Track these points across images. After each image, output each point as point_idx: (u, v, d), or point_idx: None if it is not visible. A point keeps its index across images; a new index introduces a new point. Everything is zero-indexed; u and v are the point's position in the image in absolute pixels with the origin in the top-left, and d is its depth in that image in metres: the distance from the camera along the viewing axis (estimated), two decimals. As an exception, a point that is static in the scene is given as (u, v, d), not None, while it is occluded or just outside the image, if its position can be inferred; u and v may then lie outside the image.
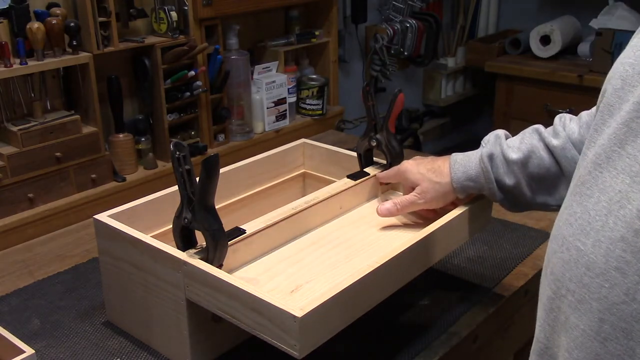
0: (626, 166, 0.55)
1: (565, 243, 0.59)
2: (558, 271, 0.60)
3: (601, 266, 0.55)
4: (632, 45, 0.60)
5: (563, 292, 0.59)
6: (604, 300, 0.54)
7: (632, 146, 0.55)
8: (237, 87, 1.77)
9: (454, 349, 1.01)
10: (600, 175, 0.57)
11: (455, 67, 2.85)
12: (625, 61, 0.59)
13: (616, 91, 0.59)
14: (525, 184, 0.96)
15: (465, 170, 0.98)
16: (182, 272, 0.88)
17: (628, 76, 0.58)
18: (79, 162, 1.43)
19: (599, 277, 0.55)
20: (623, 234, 0.53)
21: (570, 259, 0.58)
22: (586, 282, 0.56)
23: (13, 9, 1.33)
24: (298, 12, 1.99)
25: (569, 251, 0.58)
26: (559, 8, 2.79)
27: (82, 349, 1.01)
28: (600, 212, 0.56)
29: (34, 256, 1.30)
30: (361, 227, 1.10)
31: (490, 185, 0.97)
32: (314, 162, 1.31)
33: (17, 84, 1.36)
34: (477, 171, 0.98)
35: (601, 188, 0.57)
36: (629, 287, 0.53)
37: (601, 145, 0.58)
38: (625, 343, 0.53)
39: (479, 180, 0.98)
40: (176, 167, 0.87)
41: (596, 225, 0.56)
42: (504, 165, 0.96)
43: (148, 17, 1.56)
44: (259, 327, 0.81)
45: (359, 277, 0.84)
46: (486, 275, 1.18)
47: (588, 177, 0.59)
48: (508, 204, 1.00)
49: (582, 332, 0.56)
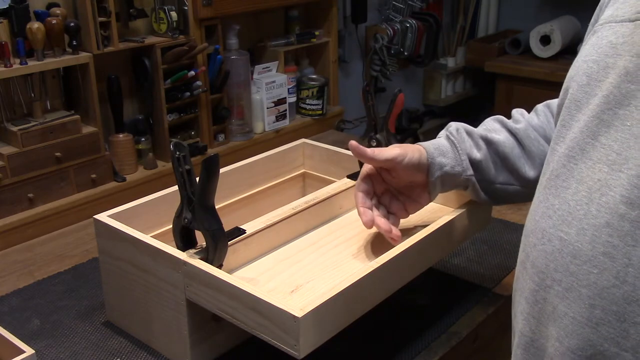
0: (602, 156, 0.56)
1: (546, 235, 0.60)
2: (541, 263, 0.60)
3: (588, 253, 0.56)
4: (592, 44, 0.62)
5: (548, 283, 0.59)
6: (593, 286, 0.55)
7: (605, 137, 0.57)
8: (237, 87, 1.77)
9: (454, 349, 1.01)
10: (576, 167, 0.59)
11: (455, 67, 2.85)
12: (588, 59, 0.61)
13: (582, 87, 0.61)
14: (491, 159, 0.97)
15: (437, 147, 0.97)
16: (182, 272, 0.88)
17: (593, 72, 0.60)
18: (79, 162, 1.43)
19: (586, 263, 0.56)
20: (608, 219, 0.54)
21: (554, 250, 0.59)
22: (573, 270, 0.57)
23: (13, 9, 1.33)
24: (298, 12, 1.99)
25: (551, 242, 0.59)
26: (559, 8, 2.79)
27: (82, 349, 1.01)
28: (580, 202, 0.57)
29: (34, 256, 1.30)
30: (361, 227, 1.10)
31: (463, 157, 0.96)
32: (314, 162, 1.31)
33: (17, 84, 1.36)
34: (447, 146, 0.97)
35: (578, 179, 0.58)
36: (618, 270, 0.54)
37: (573, 138, 0.60)
38: (619, 326, 0.54)
39: (450, 155, 0.96)
40: (176, 167, 0.87)
41: (578, 215, 0.57)
42: (469, 139, 0.98)
43: (148, 17, 1.56)
44: (259, 327, 0.81)
45: (359, 277, 0.84)
46: (486, 275, 1.18)
47: (562, 170, 0.60)
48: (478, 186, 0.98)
49: (572, 319, 0.57)
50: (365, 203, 0.99)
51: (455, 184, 0.99)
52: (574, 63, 0.65)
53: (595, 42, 0.62)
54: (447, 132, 1.00)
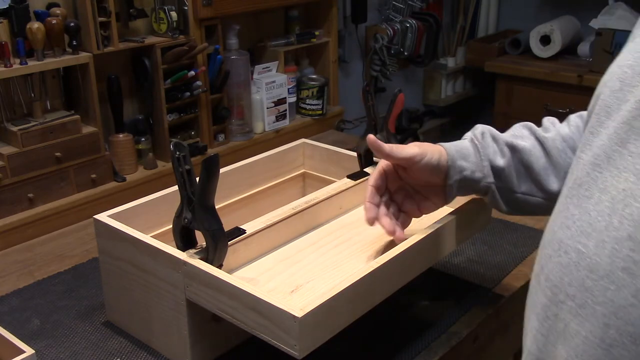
0: (629, 164, 0.53)
1: (563, 246, 0.56)
2: (555, 277, 0.57)
3: (606, 267, 0.52)
4: (630, 49, 0.59)
5: (561, 298, 0.56)
6: (609, 304, 0.51)
7: (635, 145, 0.53)
8: (237, 87, 1.77)
9: (454, 349, 1.01)
10: (600, 175, 0.55)
11: (455, 67, 2.85)
12: (623, 63, 0.58)
13: (614, 92, 0.57)
14: (514, 168, 0.94)
15: (459, 149, 0.94)
16: (182, 272, 0.88)
17: (627, 77, 0.57)
18: (79, 162, 1.43)
19: (604, 279, 0.52)
20: (630, 232, 0.51)
21: (570, 262, 0.55)
22: (589, 286, 0.53)
23: (13, 9, 1.33)
24: (298, 12, 1.99)
25: (568, 254, 0.56)
26: (559, 8, 2.79)
27: (82, 349, 1.01)
28: (602, 212, 0.53)
29: (34, 256, 1.30)
30: (361, 227, 1.10)
31: (485, 164, 0.93)
32: (314, 162, 1.31)
33: (17, 84, 1.36)
34: (470, 150, 0.94)
35: (601, 188, 0.54)
36: (637, 288, 0.50)
37: (599, 146, 0.56)
38: (633, 349, 0.50)
39: (472, 159, 0.93)
40: (176, 167, 0.87)
41: (599, 226, 0.53)
42: (494, 144, 0.94)
43: (148, 17, 1.56)
44: (259, 327, 0.81)
45: (359, 277, 0.84)
46: (486, 275, 1.18)
47: (586, 179, 0.56)
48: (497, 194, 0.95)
49: (584, 339, 0.53)
50: (374, 199, 0.97)
51: (474, 190, 0.96)
52: (608, 69, 0.61)
53: (632, 47, 0.59)
54: (473, 134, 0.97)
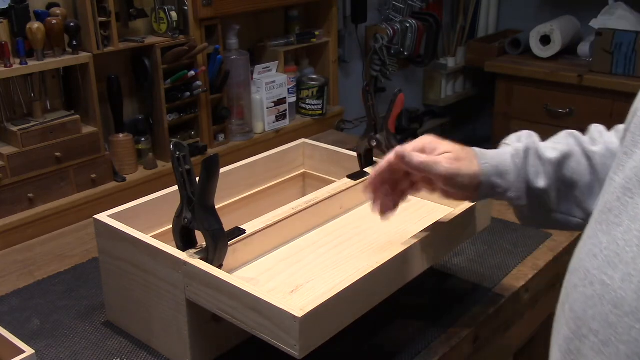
0: None
1: (589, 276, 0.53)
2: (579, 308, 0.53)
3: (631, 303, 0.49)
4: None
5: (584, 332, 0.53)
6: (633, 344, 0.48)
7: None
8: (237, 87, 1.77)
9: (454, 349, 1.01)
10: (631, 201, 0.51)
11: (455, 67, 2.85)
12: None
13: None
14: (555, 187, 0.84)
15: (496, 165, 0.84)
16: (182, 272, 0.88)
17: None
18: (79, 162, 1.43)
19: (629, 316, 0.49)
20: None
21: (594, 295, 0.52)
22: (612, 322, 0.50)
23: (13, 9, 1.33)
24: (298, 12, 1.99)
25: (593, 286, 0.52)
26: (559, 8, 2.79)
27: (82, 349, 1.01)
28: (630, 242, 0.50)
29: (34, 256, 1.30)
30: (361, 227, 1.10)
31: (520, 185, 0.84)
32: (314, 162, 1.31)
33: (17, 84, 1.36)
34: (509, 167, 0.84)
35: (632, 215, 0.51)
36: None
37: (632, 168, 0.52)
38: None
39: (509, 178, 0.84)
40: (176, 167, 0.87)
41: (626, 257, 0.50)
42: (538, 164, 0.84)
43: (148, 17, 1.56)
44: (259, 327, 0.81)
45: (359, 277, 0.84)
46: (486, 275, 1.18)
47: (616, 204, 0.53)
48: (527, 211, 0.87)
49: None
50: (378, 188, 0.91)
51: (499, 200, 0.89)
52: None
53: None
54: (515, 149, 0.86)
